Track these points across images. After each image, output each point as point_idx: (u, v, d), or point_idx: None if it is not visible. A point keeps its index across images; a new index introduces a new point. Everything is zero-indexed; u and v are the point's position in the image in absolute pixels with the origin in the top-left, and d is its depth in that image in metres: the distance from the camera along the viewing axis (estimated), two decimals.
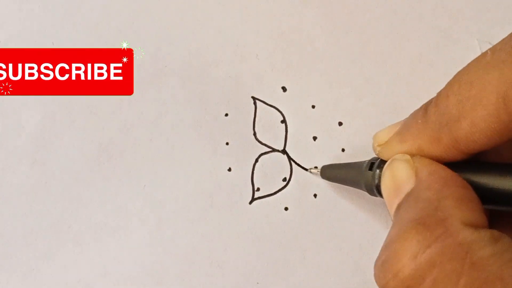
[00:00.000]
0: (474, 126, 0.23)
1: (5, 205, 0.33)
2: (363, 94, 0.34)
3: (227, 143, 0.33)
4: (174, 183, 0.33)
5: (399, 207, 0.25)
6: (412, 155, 0.26)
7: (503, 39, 0.24)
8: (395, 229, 0.23)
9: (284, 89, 0.34)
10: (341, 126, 0.34)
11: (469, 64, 0.25)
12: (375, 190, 0.28)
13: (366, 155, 0.32)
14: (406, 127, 0.27)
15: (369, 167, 0.28)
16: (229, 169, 0.33)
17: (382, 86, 0.34)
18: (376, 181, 0.28)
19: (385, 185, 0.26)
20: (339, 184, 0.33)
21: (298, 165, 0.33)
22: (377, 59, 0.34)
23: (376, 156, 0.28)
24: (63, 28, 0.34)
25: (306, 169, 0.33)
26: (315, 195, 0.33)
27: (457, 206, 0.23)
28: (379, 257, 0.24)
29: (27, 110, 0.34)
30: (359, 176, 0.29)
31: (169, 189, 0.33)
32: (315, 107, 0.34)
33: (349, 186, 0.31)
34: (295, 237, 0.32)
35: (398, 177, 0.25)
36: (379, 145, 0.28)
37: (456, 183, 0.24)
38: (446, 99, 0.25)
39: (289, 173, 0.33)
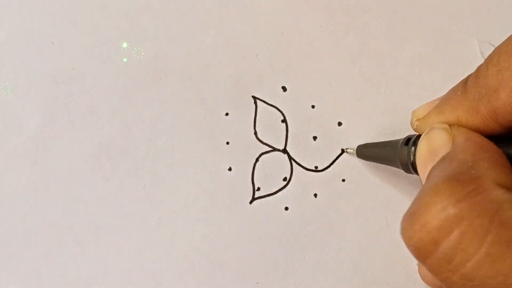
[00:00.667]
0: None
1: (5, 205, 0.33)
2: (363, 94, 0.34)
3: (227, 143, 0.33)
4: (174, 183, 0.33)
5: (432, 169, 0.24)
6: (451, 125, 0.25)
7: None
8: (427, 185, 0.23)
9: (284, 88, 0.34)
10: (341, 126, 0.34)
11: (509, 37, 0.25)
12: (411, 167, 0.27)
13: None
14: (445, 99, 0.27)
15: (405, 143, 0.28)
16: (230, 169, 0.33)
17: (382, 86, 0.34)
18: (412, 157, 0.27)
19: (420, 152, 0.26)
20: (339, 183, 0.33)
21: (299, 164, 0.33)
22: (377, 59, 0.34)
23: (412, 134, 0.28)
24: (63, 27, 0.34)
25: (307, 169, 0.33)
26: (315, 195, 0.33)
27: (491, 168, 0.22)
28: (407, 211, 0.23)
29: (27, 110, 0.34)
30: (395, 153, 0.28)
31: (169, 189, 0.33)
32: (315, 107, 0.34)
33: (384, 164, 0.30)
34: (295, 237, 0.32)
35: (434, 143, 0.25)
36: (417, 120, 0.28)
37: (491, 149, 0.24)
38: (485, 70, 0.25)
39: (289, 172, 0.33)
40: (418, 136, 0.27)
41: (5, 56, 0.34)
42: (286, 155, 0.33)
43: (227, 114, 0.34)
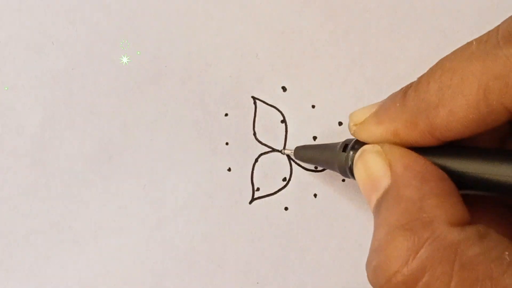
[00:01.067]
0: (452, 115, 0.23)
1: (5, 205, 0.33)
2: (363, 94, 0.34)
3: (227, 143, 0.33)
4: (174, 183, 0.33)
5: (379, 204, 0.25)
6: (383, 143, 0.26)
7: (490, 31, 0.24)
8: (381, 232, 0.24)
9: (284, 89, 0.34)
10: (341, 126, 0.34)
11: (453, 52, 0.25)
12: (348, 172, 0.28)
13: None
14: (384, 109, 0.27)
15: (343, 149, 0.28)
16: (229, 169, 0.33)
17: (382, 86, 0.33)
18: (350, 163, 0.27)
19: (360, 179, 0.26)
20: (339, 183, 0.33)
21: (298, 165, 0.33)
22: (377, 59, 0.34)
23: (350, 138, 0.28)
24: (63, 28, 0.34)
25: (307, 169, 0.33)
26: (315, 195, 0.33)
27: (440, 205, 0.23)
28: (369, 261, 0.24)
29: (27, 110, 0.34)
30: (333, 157, 0.29)
31: (169, 189, 0.33)
32: (315, 107, 0.34)
33: (322, 167, 0.31)
34: (295, 237, 0.32)
35: (372, 172, 0.25)
36: (355, 125, 0.28)
37: (433, 176, 0.24)
38: (426, 85, 0.25)
39: (289, 173, 0.33)
40: (356, 141, 0.28)
41: (5, 56, 0.34)
42: (285, 155, 0.33)
43: (226, 114, 0.34)
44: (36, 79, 0.34)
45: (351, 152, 0.27)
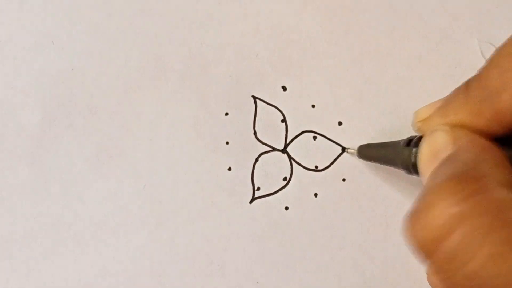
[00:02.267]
0: None
1: (5, 205, 0.33)
2: (363, 94, 0.34)
3: (227, 143, 0.33)
4: (174, 183, 0.33)
5: (435, 170, 0.24)
6: (453, 127, 0.25)
7: None
8: (429, 184, 0.23)
9: (284, 88, 0.34)
10: (341, 126, 0.34)
11: (510, 37, 0.25)
12: (412, 168, 0.27)
13: None
14: (448, 102, 0.26)
15: (407, 144, 0.28)
16: (229, 169, 0.33)
17: (382, 86, 0.34)
18: (413, 159, 0.27)
19: (422, 153, 0.26)
20: (339, 183, 0.33)
21: (299, 164, 0.33)
22: (377, 59, 0.34)
23: (413, 135, 0.28)
24: (63, 27, 0.34)
25: (307, 168, 0.33)
26: (315, 194, 0.33)
27: (494, 168, 0.22)
28: (410, 209, 0.23)
29: (27, 110, 0.34)
30: (396, 154, 0.28)
31: (169, 189, 0.33)
32: (315, 107, 0.34)
33: (386, 165, 0.30)
34: (296, 237, 0.32)
35: (437, 144, 0.25)
36: (419, 121, 0.27)
37: (494, 151, 0.24)
38: (487, 72, 0.24)
39: (289, 172, 0.33)
40: (420, 137, 0.27)
41: (5, 56, 0.34)
42: (286, 155, 0.33)
43: (227, 114, 0.34)
44: (36, 79, 0.34)
45: (415, 149, 0.27)
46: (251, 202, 0.33)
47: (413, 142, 0.27)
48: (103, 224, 0.33)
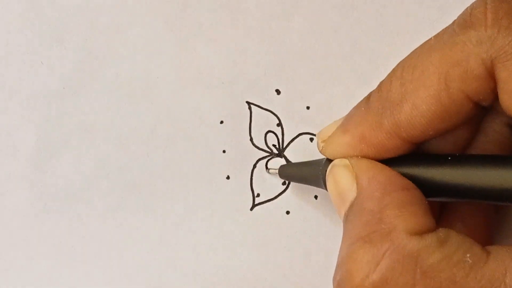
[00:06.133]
0: (415, 109, 0.23)
1: (5, 229, 0.33)
2: (357, 92, 0.33)
3: (224, 151, 0.33)
4: (173, 196, 0.33)
5: (346, 217, 0.25)
6: (351, 157, 0.26)
7: (447, 26, 0.24)
8: (344, 246, 0.24)
9: (278, 91, 0.34)
10: None
11: (413, 51, 0.25)
12: (325, 188, 0.28)
13: None
14: (349, 117, 0.27)
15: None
16: (228, 177, 0.33)
17: (375, 84, 0.33)
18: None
19: (331, 193, 0.26)
20: None
21: None
22: (370, 57, 0.33)
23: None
24: (51, 46, 0.34)
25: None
26: (315, 197, 0.33)
27: (400, 215, 0.23)
28: (334, 276, 0.24)
29: (22, 133, 0.34)
30: (318, 174, 0.28)
31: (169, 201, 0.33)
32: (310, 108, 0.33)
33: (308, 184, 0.30)
34: (299, 240, 0.32)
35: (340, 185, 0.25)
36: (322, 141, 0.27)
37: (396, 186, 0.24)
38: (388, 84, 0.25)
39: None
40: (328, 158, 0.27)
41: None
42: (283, 159, 0.33)
43: (221, 122, 0.33)
44: (28, 100, 0.34)
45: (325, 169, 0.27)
46: (251, 209, 0.33)
47: (322, 163, 0.28)
48: (105, 241, 0.33)
